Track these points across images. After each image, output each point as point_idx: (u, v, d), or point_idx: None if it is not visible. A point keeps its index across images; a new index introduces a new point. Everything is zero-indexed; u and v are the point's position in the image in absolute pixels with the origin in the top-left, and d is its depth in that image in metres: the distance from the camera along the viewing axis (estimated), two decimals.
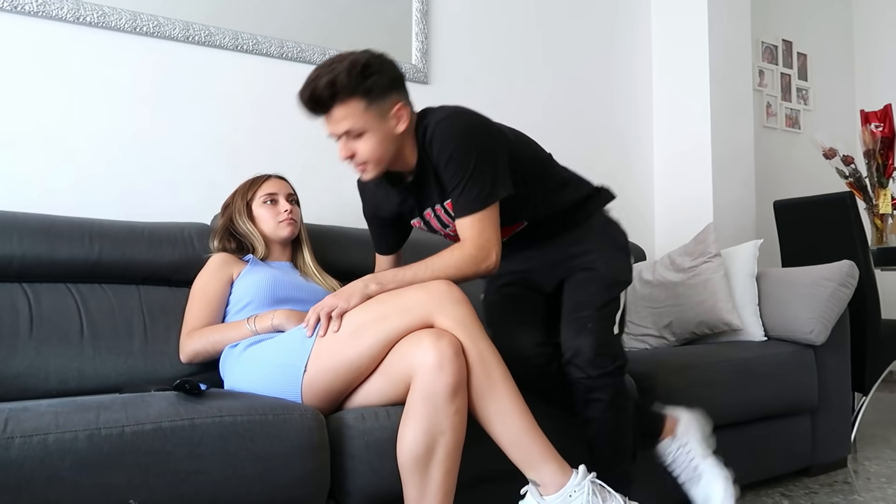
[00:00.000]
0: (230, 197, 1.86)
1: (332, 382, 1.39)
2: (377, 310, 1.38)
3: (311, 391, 1.40)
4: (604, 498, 1.32)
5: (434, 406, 1.27)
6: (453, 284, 1.40)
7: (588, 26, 3.13)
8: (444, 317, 1.35)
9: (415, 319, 1.35)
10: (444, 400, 1.27)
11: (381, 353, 1.37)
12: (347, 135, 1.45)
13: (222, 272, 1.72)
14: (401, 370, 1.33)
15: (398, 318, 1.35)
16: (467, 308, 1.38)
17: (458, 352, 1.30)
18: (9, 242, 1.61)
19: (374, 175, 1.50)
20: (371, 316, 1.38)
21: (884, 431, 2.90)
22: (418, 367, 1.29)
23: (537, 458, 1.33)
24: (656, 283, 2.43)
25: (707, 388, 1.94)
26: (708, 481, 1.62)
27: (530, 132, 2.17)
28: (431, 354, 1.28)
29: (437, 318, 1.35)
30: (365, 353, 1.36)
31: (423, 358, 1.28)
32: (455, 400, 1.28)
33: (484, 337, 1.37)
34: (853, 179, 3.01)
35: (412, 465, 1.27)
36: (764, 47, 3.94)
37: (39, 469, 1.05)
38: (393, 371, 1.35)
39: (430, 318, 1.35)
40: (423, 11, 2.60)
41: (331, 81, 1.39)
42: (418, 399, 1.28)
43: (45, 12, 1.91)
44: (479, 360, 1.34)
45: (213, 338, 1.63)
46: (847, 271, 2.25)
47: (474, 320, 1.37)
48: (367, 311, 1.39)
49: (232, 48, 2.21)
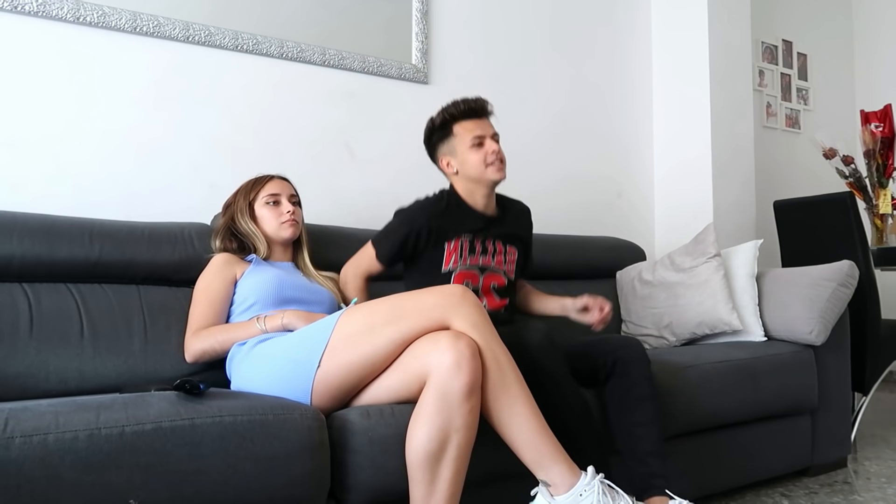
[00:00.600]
0: (232, 196, 1.86)
1: (345, 378, 1.41)
2: (394, 310, 1.42)
3: (322, 386, 1.41)
4: (613, 498, 1.34)
5: (449, 405, 1.29)
6: (468, 290, 1.44)
7: (588, 26, 3.13)
8: (460, 319, 1.39)
9: (431, 321, 1.39)
10: (460, 399, 1.29)
11: (395, 352, 1.40)
12: (496, 137, 1.86)
13: (225, 272, 1.72)
14: (416, 369, 1.35)
15: (415, 318, 1.39)
16: (481, 312, 1.42)
17: (474, 353, 1.33)
18: (9, 242, 1.61)
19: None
20: (388, 316, 1.41)
21: (884, 431, 2.90)
22: (435, 367, 1.31)
23: (548, 459, 1.35)
24: (656, 283, 2.43)
25: (707, 388, 1.94)
26: None
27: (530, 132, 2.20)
28: (449, 355, 1.30)
29: (453, 320, 1.39)
30: (380, 350, 1.39)
31: (441, 358, 1.31)
32: (470, 400, 1.30)
33: (498, 340, 1.40)
34: (853, 179, 3.01)
35: (423, 462, 1.28)
36: (764, 47, 3.94)
37: (39, 469, 1.05)
38: (408, 369, 1.38)
39: (445, 320, 1.39)
40: (423, 11, 2.61)
41: (486, 101, 1.88)
42: (433, 397, 1.30)
43: (45, 12, 1.91)
44: (494, 362, 1.37)
45: (222, 337, 1.63)
46: (847, 271, 2.25)
47: (488, 324, 1.41)
48: (384, 310, 1.43)
49: (232, 48, 2.21)
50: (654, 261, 2.56)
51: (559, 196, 2.95)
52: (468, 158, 1.81)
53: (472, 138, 1.80)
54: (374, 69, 2.48)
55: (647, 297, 2.44)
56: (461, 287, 1.44)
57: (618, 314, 2.57)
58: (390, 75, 2.53)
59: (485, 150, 1.81)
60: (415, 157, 2.02)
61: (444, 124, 1.84)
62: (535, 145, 2.91)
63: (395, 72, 2.53)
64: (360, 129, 2.46)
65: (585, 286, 2.53)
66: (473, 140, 1.81)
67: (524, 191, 2.85)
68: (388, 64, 2.52)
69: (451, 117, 1.83)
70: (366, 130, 2.47)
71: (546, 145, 2.95)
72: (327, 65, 2.39)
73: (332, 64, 2.40)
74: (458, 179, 1.86)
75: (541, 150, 2.93)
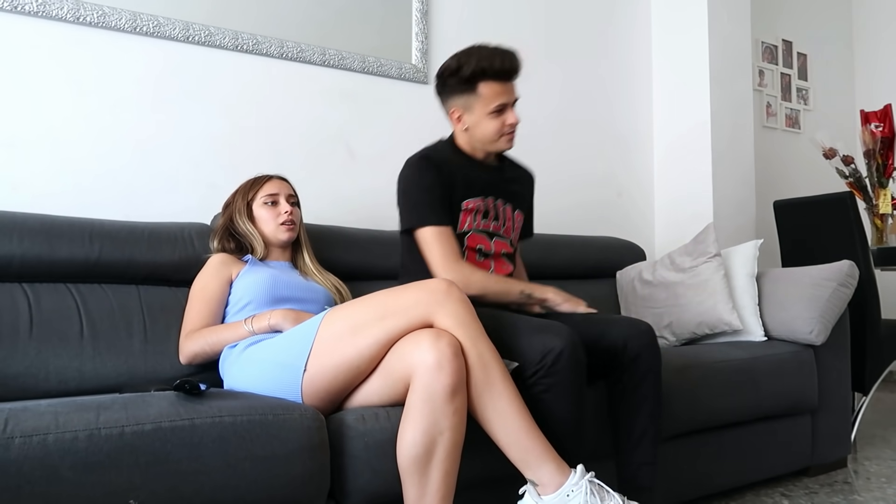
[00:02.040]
0: (231, 196, 1.86)
1: (331, 382, 1.39)
2: (377, 309, 1.38)
3: (311, 390, 1.40)
4: (602, 497, 1.31)
5: (433, 406, 1.27)
6: (454, 284, 1.40)
7: (588, 26, 3.13)
8: (444, 316, 1.35)
9: (414, 319, 1.35)
10: (444, 400, 1.27)
11: (380, 353, 1.37)
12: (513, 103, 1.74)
13: (221, 272, 1.72)
14: (400, 370, 1.33)
15: (398, 317, 1.35)
16: (467, 308, 1.38)
17: (457, 352, 1.30)
18: (9, 242, 1.61)
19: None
20: (371, 315, 1.38)
21: (884, 431, 2.90)
22: (417, 367, 1.28)
23: (535, 457, 1.33)
24: (656, 283, 2.43)
25: (707, 388, 1.94)
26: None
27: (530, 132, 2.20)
28: (430, 354, 1.28)
29: (437, 317, 1.35)
30: (365, 352, 1.36)
31: (422, 358, 1.28)
32: (454, 400, 1.28)
33: (483, 337, 1.37)
34: (853, 179, 3.01)
35: (411, 465, 1.27)
36: (764, 47, 3.94)
37: (39, 469, 1.05)
38: (392, 371, 1.35)
39: (429, 317, 1.35)
40: (423, 11, 2.60)
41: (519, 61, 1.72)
42: (417, 399, 1.28)
43: (45, 12, 1.91)
44: (479, 360, 1.34)
45: (211, 339, 1.63)
46: (847, 271, 2.25)
47: (474, 320, 1.37)
48: (367, 310, 1.39)
49: (232, 48, 2.21)
50: (654, 261, 2.56)
51: (559, 196, 2.95)
52: (484, 123, 1.71)
53: (496, 105, 1.69)
54: (374, 69, 2.48)
55: (647, 297, 2.44)
56: (446, 281, 1.40)
57: (618, 314, 2.58)
58: (390, 75, 2.53)
59: (503, 120, 1.71)
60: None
61: (472, 78, 1.68)
62: (534, 144, 2.90)
63: (395, 72, 2.53)
64: (360, 128, 2.46)
65: (585, 286, 2.53)
66: (496, 106, 1.69)
67: None
68: (388, 64, 2.52)
69: (481, 72, 1.67)
70: (365, 130, 2.47)
71: (546, 144, 2.95)
72: (327, 64, 2.39)
73: (331, 64, 2.40)
74: (464, 135, 1.77)
75: (540, 149, 2.92)
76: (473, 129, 1.74)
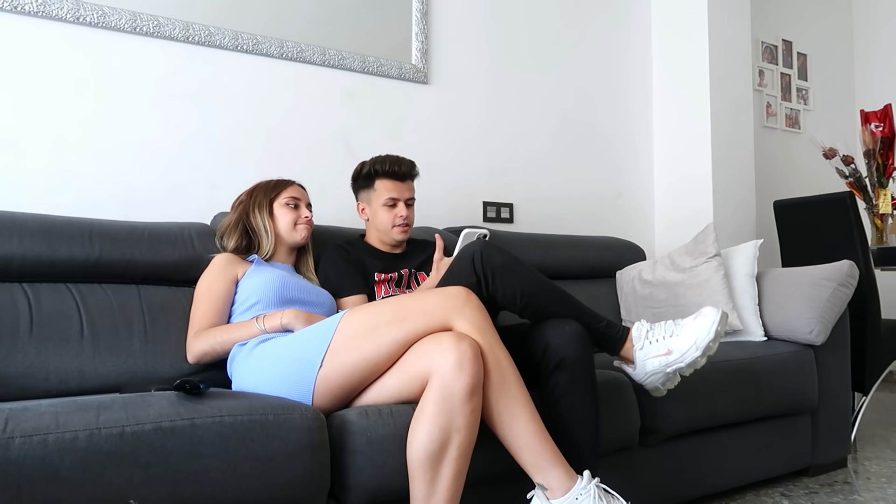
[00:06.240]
0: (246, 194, 1.86)
1: (346, 379, 1.41)
2: (397, 311, 1.42)
3: (324, 386, 1.41)
4: (608, 501, 1.34)
5: (451, 405, 1.29)
6: (472, 292, 1.45)
7: (588, 26, 3.14)
8: (463, 321, 1.40)
9: (434, 322, 1.39)
10: (462, 400, 1.29)
11: (398, 352, 1.40)
12: (410, 202, 1.99)
13: (227, 272, 1.72)
14: (418, 369, 1.36)
15: (418, 319, 1.40)
16: (484, 314, 1.43)
17: (477, 354, 1.33)
18: (9, 242, 1.61)
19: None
20: (391, 316, 1.41)
21: (884, 431, 2.90)
22: (438, 367, 1.31)
23: (546, 462, 1.36)
24: (656, 283, 2.43)
25: (707, 388, 1.94)
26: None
27: (530, 133, 2.20)
28: (452, 355, 1.31)
29: (456, 321, 1.40)
30: (384, 350, 1.39)
31: (444, 358, 1.31)
32: (472, 400, 1.31)
33: (499, 343, 1.41)
34: (853, 179, 3.01)
35: (424, 461, 1.29)
36: (764, 47, 3.94)
37: (39, 469, 1.05)
38: (410, 369, 1.38)
39: (448, 321, 1.40)
40: (423, 11, 2.61)
41: (414, 168, 2.01)
42: (435, 398, 1.30)
43: (45, 12, 1.91)
44: (496, 364, 1.38)
45: (222, 338, 1.64)
46: (847, 271, 2.25)
47: (490, 327, 1.42)
48: (388, 311, 1.43)
49: (232, 48, 2.21)
50: (654, 261, 2.56)
51: (559, 196, 2.96)
52: (379, 214, 1.96)
53: (387, 198, 1.94)
54: (374, 69, 2.48)
55: (647, 296, 2.44)
56: (464, 289, 1.45)
57: (618, 314, 2.58)
58: (390, 75, 2.53)
59: (395, 213, 1.95)
60: (415, 157, 2.02)
61: (369, 176, 1.97)
62: (534, 144, 2.91)
63: (395, 72, 2.53)
64: (360, 128, 2.46)
65: (585, 286, 2.54)
66: (388, 200, 1.94)
67: (524, 190, 2.87)
68: (388, 64, 2.52)
69: (375, 172, 1.96)
70: (365, 130, 2.47)
71: (546, 144, 2.96)
72: (327, 65, 2.39)
73: (332, 64, 2.40)
74: (369, 226, 2.02)
75: (540, 149, 2.93)
76: (373, 220, 1.99)
